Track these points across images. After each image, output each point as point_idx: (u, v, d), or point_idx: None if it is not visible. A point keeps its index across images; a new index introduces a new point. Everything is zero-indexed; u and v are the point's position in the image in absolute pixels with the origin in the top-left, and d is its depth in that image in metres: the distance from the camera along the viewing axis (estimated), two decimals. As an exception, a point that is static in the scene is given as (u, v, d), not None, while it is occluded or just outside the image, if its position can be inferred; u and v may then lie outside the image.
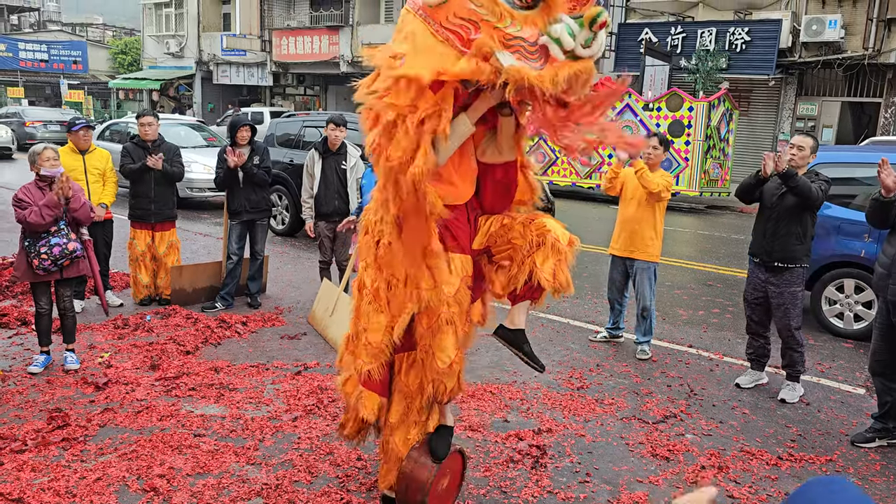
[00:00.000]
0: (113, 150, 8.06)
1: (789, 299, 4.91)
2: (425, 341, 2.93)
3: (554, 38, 2.40)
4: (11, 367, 4.97)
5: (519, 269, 2.93)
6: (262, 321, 6.25)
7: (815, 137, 5.04)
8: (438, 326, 2.88)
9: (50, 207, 4.72)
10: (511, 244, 2.98)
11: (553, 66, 2.41)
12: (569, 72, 2.40)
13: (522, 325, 3.08)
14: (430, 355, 2.93)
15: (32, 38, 45.68)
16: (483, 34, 2.43)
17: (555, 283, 2.89)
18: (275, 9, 29.64)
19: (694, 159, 14.27)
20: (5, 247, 8.23)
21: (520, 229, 2.95)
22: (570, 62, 2.41)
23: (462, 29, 2.48)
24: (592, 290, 7.80)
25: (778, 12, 17.53)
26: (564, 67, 2.40)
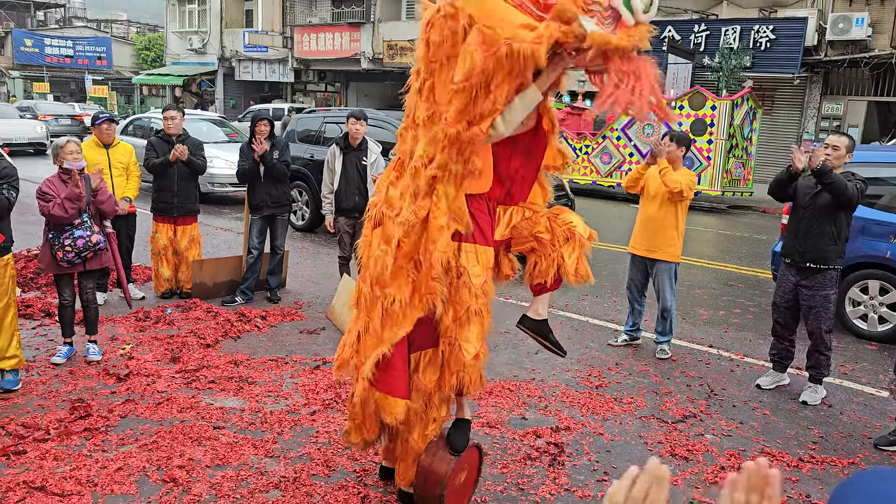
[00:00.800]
0: (137, 144, 8.15)
1: (821, 302, 4.83)
2: (451, 333, 2.91)
3: (626, 2, 2.43)
4: (35, 358, 5.04)
5: (549, 263, 2.95)
6: (282, 315, 6.28)
7: (851, 137, 4.92)
8: (467, 318, 2.89)
9: (72, 200, 4.78)
10: (536, 237, 2.99)
11: (625, 31, 2.44)
12: (637, 36, 2.45)
13: (546, 315, 3.14)
14: (456, 347, 2.92)
15: (58, 34, 46.31)
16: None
17: (577, 276, 2.93)
18: (297, 5, 29.74)
19: (716, 158, 14.13)
20: (31, 239, 8.33)
21: (546, 223, 2.98)
22: (636, 27, 2.46)
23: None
24: (612, 288, 7.76)
25: (804, 10, 17.30)
26: (633, 32, 2.44)
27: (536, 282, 3.06)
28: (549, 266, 2.97)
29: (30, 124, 20.74)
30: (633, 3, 2.41)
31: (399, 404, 3.01)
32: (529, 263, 3.07)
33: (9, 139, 18.91)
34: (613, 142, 15.45)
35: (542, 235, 2.97)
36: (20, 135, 19.72)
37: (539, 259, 3.00)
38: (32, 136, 20.00)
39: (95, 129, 6.39)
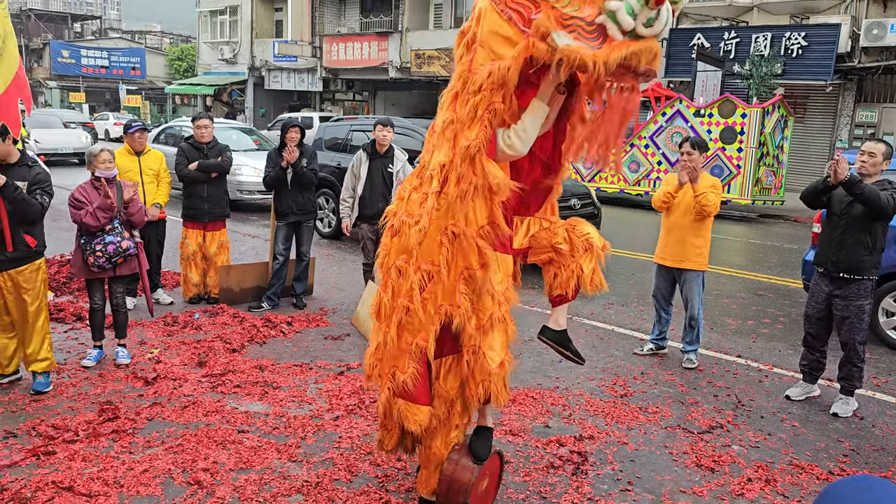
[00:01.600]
0: (168, 152, 8.29)
1: (855, 313, 4.73)
2: (474, 341, 2.90)
3: (611, 13, 2.37)
4: (66, 361, 5.13)
5: (569, 274, 2.97)
6: (307, 321, 6.33)
7: (889, 143, 4.83)
8: (491, 325, 2.89)
9: (103, 210, 4.89)
10: (555, 248, 3.00)
11: (609, 46, 2.39)
12: (625, 52, 2.37)
13: (565, 324, 3.17)
14: (481, 356, 2.91)
15: (94, 46, 47.40)
16: (542, 13, 2.48)
17: (592, 285, 3.00)
18: (325, 15, 30.09)
19: (746, 167, 13.95)
20: (65, 245, 8.50)
21: (564, 234, 3.00)
22: (628, 42, 2.38)
23: (524, 8, 2.57)
24: (638, 297, 7.69)
25: (836, 16, 17.05)
26: (620, 48, 2.38)
27: (557, 293, 3.06)
28: (569, 277, 2.99)
29: (74, 134, 20.67)
30: (620, 17, 2.35)
31: (423, 411, 3.00)
32: (549, 275, 3.07)
33: (54, 149, 18.98)
34: (641, 150, 15.34)
35: (562, 246, 2.99)
36: (65, 145, 19.66)
37: (559, 270, 3.01)
38: (77, 146, 19.77)
39: (128, 138, 6.51)
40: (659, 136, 15.04)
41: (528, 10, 2.53)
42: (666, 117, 14.92)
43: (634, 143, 15.46)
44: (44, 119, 21.30)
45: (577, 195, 9.01)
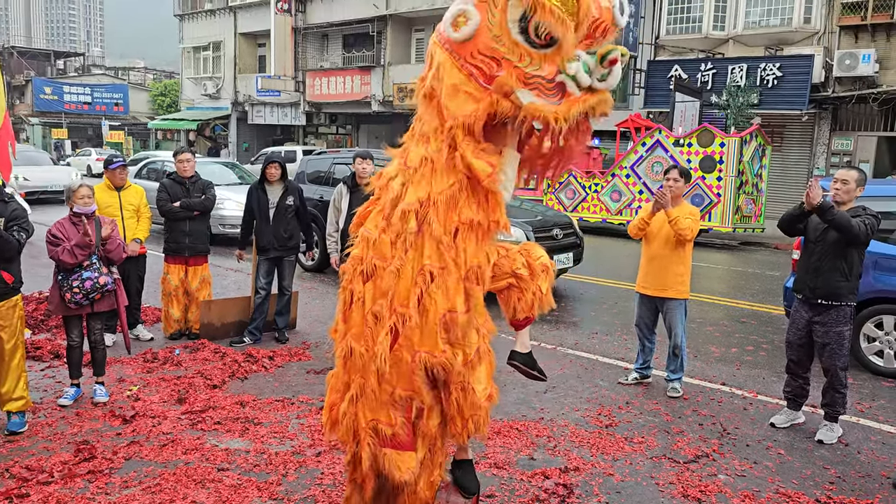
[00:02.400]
0: (149, 187, 8.24)
1: (835, 339, 4.76)
2: (463, 378, 2.85)
3: (570, 75, 2.50)
4: (42, 400, 5.03)
5: (532, 297, 2.98)
6: (289, 356, 6.26)
7: (862, 170, 4.89)
8: (478, 359, 2.86)
9: (81, 247, 4.84)
10: (515, 274, 2.99)
11: (568, 102, 2.52)
12: (582, 107, 2.52)
13: (529, 345, 3.17)
14: (470, 392, 2.86)
15: (77, 82, 47.41)
16: (504, 72, 2.56)
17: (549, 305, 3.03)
18: (308, 50, 30.37)
19: (726, 195, 14.12)
20: (44, 281, 8.39)
21: (522, 259, 3.02)
22: (585, 96, 2.53)
23: (485, 65, 2.59)
24: (622, 326, 7.69)
25: (809, 48, 17.44)
26: (578, 103, 2.52)
27: (523, 316, 3.04)
28: (532, 299, 2.98)
29: (65, 171, 20.17)
30: (578, 77, 2.48)
31: (413, 457, 2.91)
32: (511, 300, 3.04)
33: (44, 187, 18.49)
34: (623, 180, 15.49)
35: (522, 271, 2.98)
36: (55, 182, 19.00)
37: (522, 294, 3.00)
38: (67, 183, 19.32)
39: (108, 173, 6.48)
40: (639, 166, 15.21)
41: (489, 66, 2.58)
42: (646, 147, 15.10)
43: (616, 173, 15.62)
44: (32, 156, 20.80)
45: (560, 225, 9.05)
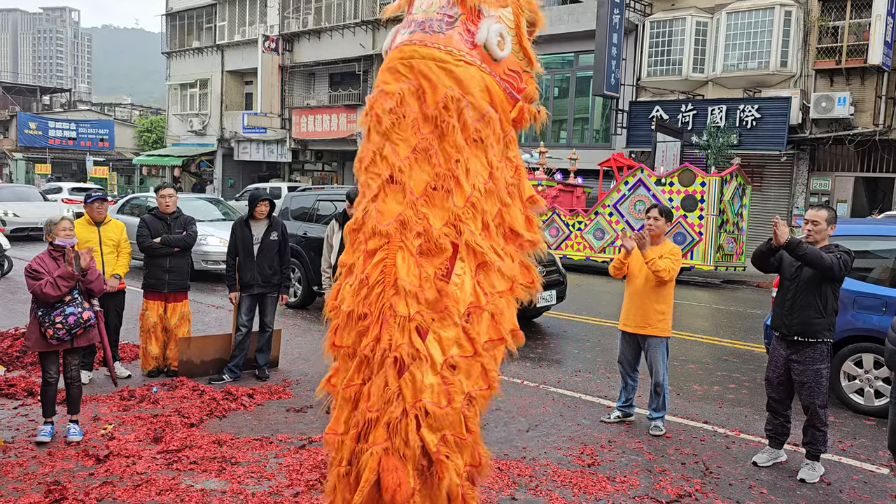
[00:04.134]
0: (132, 223, 8.19)
1: (813, 378, 4.77)
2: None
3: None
4: (14, 439, 4.92)
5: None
6: (269, 394, 6.18)
7: (830, 208, 4.97)
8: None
9: (65, 279, 4.79)
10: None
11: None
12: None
13: None
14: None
15: (62, 118, 47.39)
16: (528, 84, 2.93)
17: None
18: (295, 88, 30.63)
19: (707, 234, 14.27)
20: (21, 318, 8.28)
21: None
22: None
23: (512, 79, 2.86)
24: (605, 364, 7.68)
25: (787, 90, 17.82)
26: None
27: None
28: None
29: (55, 207, 19.38)
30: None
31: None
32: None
33: (34, 223, 17.70)
34: (606, 218, 15.62)
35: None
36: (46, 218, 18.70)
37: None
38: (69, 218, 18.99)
39: (87, 208, 6.44)
40: (622, 205, 15.35)
41: (516, 80, 2.87)
42: (628, 186, 15.27)
43: (599, 212, 15.75)
44: (22, 192, 20.44)
45: (543, 263, 9.06)
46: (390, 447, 2.64)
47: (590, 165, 19.38)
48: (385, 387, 2.64)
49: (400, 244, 2.67)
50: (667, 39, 19.50)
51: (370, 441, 2.68)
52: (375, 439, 2.66)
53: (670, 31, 19.42)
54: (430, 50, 2.68)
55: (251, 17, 31.93)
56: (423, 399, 2.60)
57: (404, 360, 2.61)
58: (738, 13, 18.35)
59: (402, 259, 2.65)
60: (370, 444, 2.67)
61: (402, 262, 2.64)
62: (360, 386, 2.74)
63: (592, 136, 22.72)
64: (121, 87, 58.43)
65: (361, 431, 2.72)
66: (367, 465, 2.66)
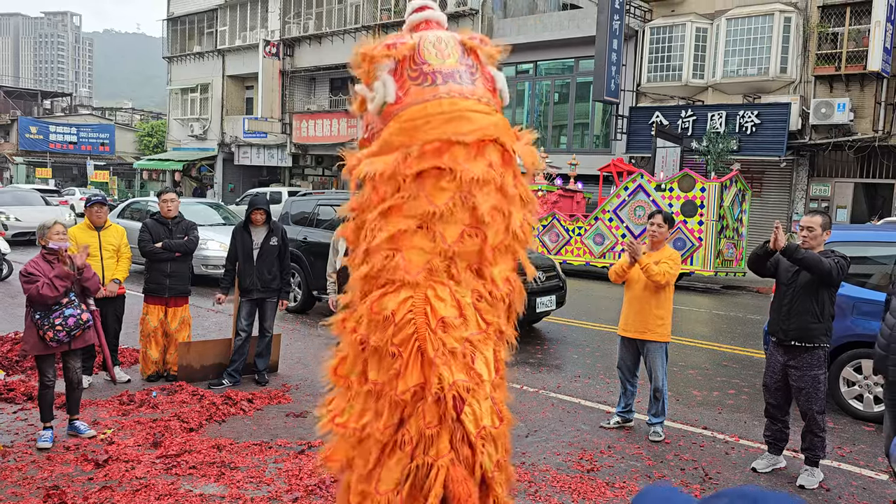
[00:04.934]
0: (132, 227, 8.21)
1: (810, 383, 4.78)
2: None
3: None
4: (13, 443, 4.92)
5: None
6: (269, 398, 6.18)
7: (825, 214, 4.98)
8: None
9: (62, 279, 4.82)
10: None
11: None
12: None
13: None
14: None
15: (63, 122, 47.44)
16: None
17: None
18: (296, 93, 30.69)
19: (707, 239, 14.28)
20: (19, 322, 8.28)
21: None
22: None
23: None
24: (604, 369, 7.68)
25: (786, 96, 17.86)
26: None
27: None
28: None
29: (56, 211, 19.44)
30: None
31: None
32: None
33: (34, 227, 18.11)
34: (606, 223, 15.64)
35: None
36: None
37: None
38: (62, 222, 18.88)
39: (87, 211, 6.46)
40: (622, 210, 15.37)
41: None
42: (628, 192, 15.29)
43: (599, 217, 15.76)
44: (23, 196, 20.37)
45: (543, 268, 9.09)
46: (455, 459, 2.59)
47: (590, 171, 19.41)
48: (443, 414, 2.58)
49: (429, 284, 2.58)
50: (667, 45, 19.55)
51: (433, 455, 2.59)
52: (440, 452, 2.58)
53: (670, 37, 19.47)
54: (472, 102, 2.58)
55: (252, 22, 32.01)
56: (484, 424, 2.59)
57: (462, 396, 2.55)
58: (738, 19, 18.40)
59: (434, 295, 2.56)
60: (434, 458, 2.58)
61: (439, 300, 2.56)
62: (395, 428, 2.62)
63: (592, 142, 22.76)
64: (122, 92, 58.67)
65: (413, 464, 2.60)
66: (436, 480, 2.58)
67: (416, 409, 2.55)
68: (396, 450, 2.61)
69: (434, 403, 2.53)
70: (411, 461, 2.58)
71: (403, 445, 2.58)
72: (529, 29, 22.49)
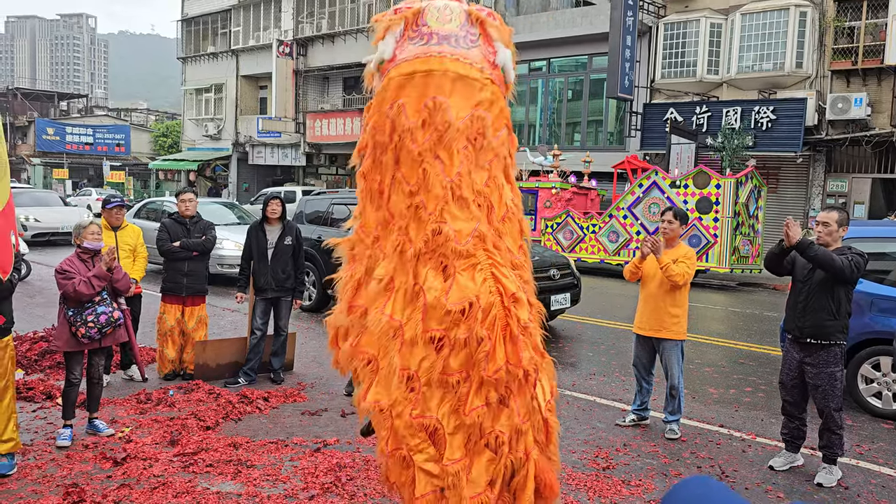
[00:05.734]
0: (148, 227, 8.27)
1: (827, 380, 4.74)
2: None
3: None
4: (33, 442, 4.98)
5: None
6: (284, 397, 6.21)
7: (842, 210, 4.93)
8: None
9: (99, 278, 4.96)
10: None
11: None
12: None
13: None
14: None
15: (79, 123, 47.85)
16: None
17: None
18: (309, 93, 30.77)
19: (723, 236, 14.18)
20: (39, 322, 8.38)
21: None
22: None
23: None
24: (620, 367, 7.65)
25: (802, 91, 17.68)
26: None
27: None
28: None
29: (76, 212, 19.20)
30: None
31: None
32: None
33: (55, 228, 17.81)
34: (620, 220, 15.57)
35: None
36: (66, 223, 17.59)
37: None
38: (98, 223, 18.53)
39: (106, 213, 6.53)
40: (636, 207, 15.30)
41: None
42: (643, 189, 15.22)
43: (613, 214, 15.70)
44: (42, 197, 20.32)
45: (557, 265, 9.07)
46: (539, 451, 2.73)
47: (603, 168, 19.33)
48: (532, 399, 2.71)
49: (490, 261, 2.66)
50: (681, 41, 19.41)
51: (524, 450, 2.69)
52: (528, 446, 2.69)
53: (684, 33, 19.34)
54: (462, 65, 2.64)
55: (265, 21, 32.13)
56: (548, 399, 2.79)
57: (532, 373, 2.68)
58: (753, 14, 18.24)
59: (501, 273, 2.65)
60: (526, 453, 2.69)
61: (504, 276, 2.65)
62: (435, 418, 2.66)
63: (606, 139, 22.67)
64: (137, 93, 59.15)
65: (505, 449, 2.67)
66: (528, 473, 2.67)
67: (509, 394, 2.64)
68: (485, 451, 2.64)
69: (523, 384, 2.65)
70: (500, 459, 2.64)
71: (498, 446, 2.62)
72: (542, 26, 22.43)
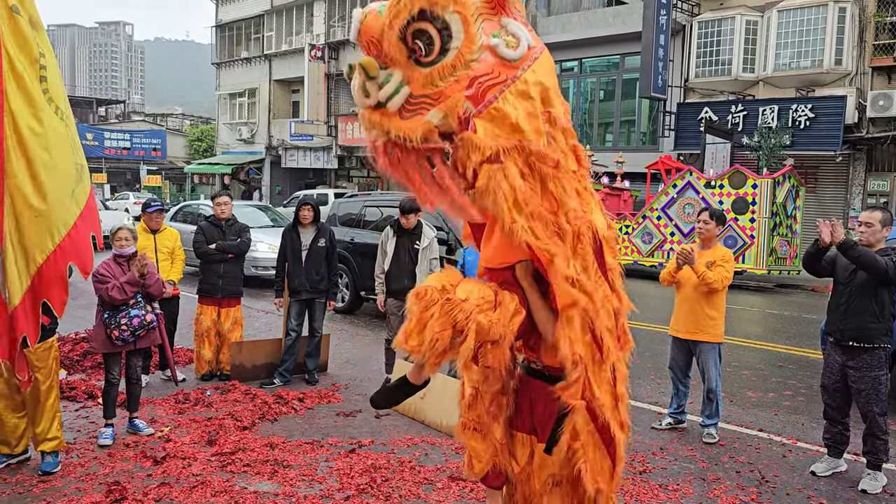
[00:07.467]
0: (185, 230, 8.40)
1: (871, 384, 4.62)
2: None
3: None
4: (76, 440, 5.09)
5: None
6: (319, 398, 6.26)
7: (886, 210, 4.82)
8: None
9: (131, 284, 5.05)
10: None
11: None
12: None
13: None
14: None
15: (117, 128, 48.83)
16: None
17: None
18: (341, 96, 30.98)
19: (760, 237, 13.94)
20: (81, 322, 8.56)
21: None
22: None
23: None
24: (655, 369, 7.56)
25: (842, 89, 17.31)
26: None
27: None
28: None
29: (117, 216, 19.31)
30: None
31: None
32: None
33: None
34: (654, 221, 15.41)
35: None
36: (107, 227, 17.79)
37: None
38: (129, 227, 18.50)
39: (145, 216, 6.64)
40: (671, 208, 15.12)
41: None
42: (677, 189, 15.04)
43: (647, 215, 15.54)
44: None
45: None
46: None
47: (636, 168, 19.14)
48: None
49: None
50: (715, 39, 19.14)
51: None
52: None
53: (719, 31, 19.06)
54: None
55: (298, 26, 32.47)
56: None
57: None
58: (790, 11, 17.90)
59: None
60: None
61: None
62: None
63: (639, 139, 22.45)
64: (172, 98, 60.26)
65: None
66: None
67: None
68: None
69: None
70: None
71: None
72: (574, 26, 22.30)
